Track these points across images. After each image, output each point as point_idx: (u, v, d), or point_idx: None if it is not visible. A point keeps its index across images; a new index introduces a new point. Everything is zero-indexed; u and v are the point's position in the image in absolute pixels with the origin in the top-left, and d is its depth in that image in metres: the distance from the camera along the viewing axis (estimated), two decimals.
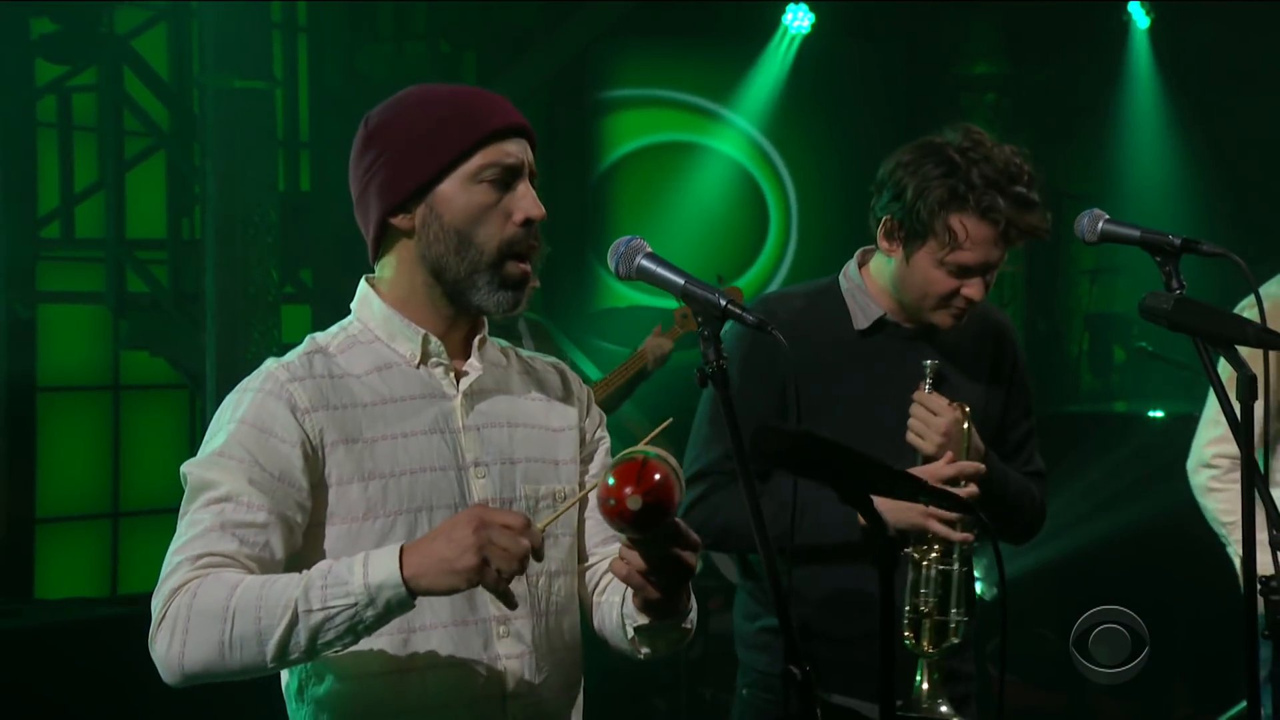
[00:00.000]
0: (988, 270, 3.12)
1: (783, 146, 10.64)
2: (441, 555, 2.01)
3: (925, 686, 3.06)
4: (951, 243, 3.05)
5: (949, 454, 3.06)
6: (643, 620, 2.28)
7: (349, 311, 2.40)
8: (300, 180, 9.05)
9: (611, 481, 2.06)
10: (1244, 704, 3.71)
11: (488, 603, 2.25)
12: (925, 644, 3.07)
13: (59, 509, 8.56)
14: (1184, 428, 7.70)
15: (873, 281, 3.22)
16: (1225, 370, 3.63)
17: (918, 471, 2.99)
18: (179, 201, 8.13)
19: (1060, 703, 6.91)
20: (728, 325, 3.03)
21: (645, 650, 2.37)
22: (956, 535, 3.05)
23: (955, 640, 3.07)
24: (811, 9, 10.18)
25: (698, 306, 2.21)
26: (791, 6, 10.17)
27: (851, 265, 3.27)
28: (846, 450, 1.99)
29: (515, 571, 2.01)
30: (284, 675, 2.32)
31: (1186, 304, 2.67)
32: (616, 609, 2.36)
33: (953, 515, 3.03)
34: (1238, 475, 3.61)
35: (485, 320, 2.39)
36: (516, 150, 2.32)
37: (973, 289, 3.09)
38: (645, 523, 2.07)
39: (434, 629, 2.24)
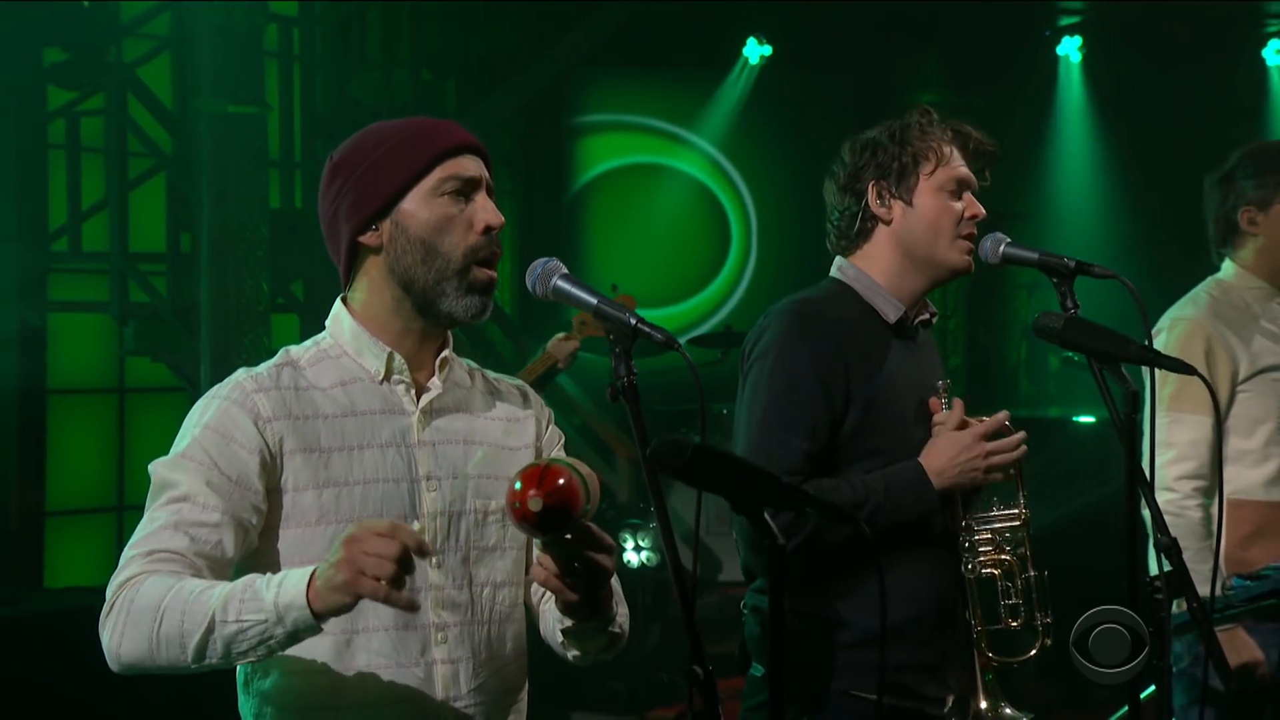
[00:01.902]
0: (975, 190, 3.04)
1: (743, 168, 10.64)
2: (326, 576, 1.97)
3: (989, 686, 2.97)
4: (939, 159, 3.00)
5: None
6: (567, 623, 2.26)
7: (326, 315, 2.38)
8: (294, 198, 9.02)
9: (518, 486, 2.03)
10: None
11: (428, 609, 2.23)
12: (988, 651, 2.96)
13: (67, 503, 8.53)
14: (1112, 432, 7.76)
15: (877, 271, 3.05)
16: (1175, 383, 3.60)
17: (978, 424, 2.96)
18: (178, 218, 8.12)
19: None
20: (773, 315, 2.98)
21: (574, 653, 2.34)
22: (1018, 453, 2.95)
23: (1048, 642, 2.98)
24: (769, 42, 10.18)
25: (609, 325, 2.16)
26: (751, 39, 10.17)
27: (846, 266, 3.09)
28: (741, 463, 1.96)
29: (392, 574, 1.94)
30: (237, 668, 2.30)
31: (1076, 323, 2.65)
32: (551, 615, 2.34)
33: (1009, 443, 2.95)
34: (1196, 502, 3.59)
35: (450, 339, 2.37)
36: (473, 165, 2.31)
37: (974, 206, 3.01)
38: (548, 524, 2.03)
39: (376, 631, 2.22)
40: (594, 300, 2.18)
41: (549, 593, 2.33)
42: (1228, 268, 3.89)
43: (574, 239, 10.19)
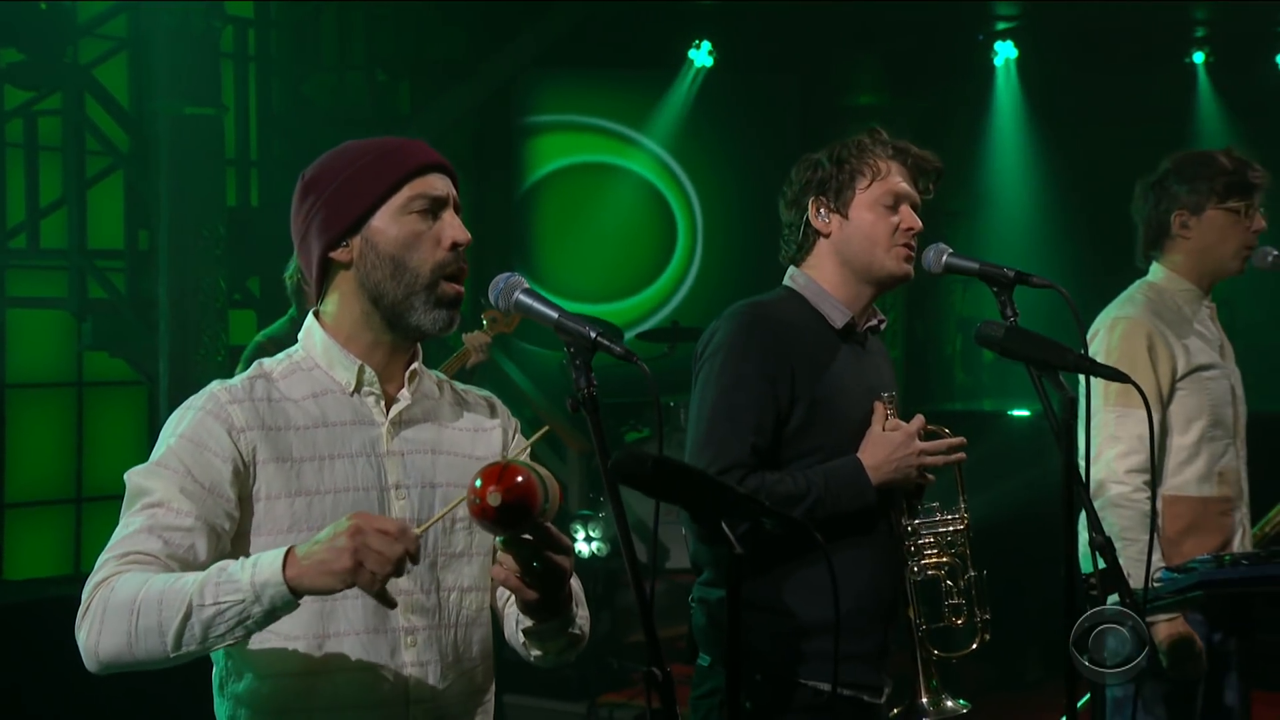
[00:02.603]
0: (914, 205, 3.11)
1: (689, 167, 10.68)
2: (320, 559, 1.97)
3: (933, 684, 3.03)
4: (875, 175, 3.07)
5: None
6: (528, 623, 2.27)
7: (292, 318, 2.39)
8: (250, 196, 8.98)
9: (478, 483, 2.04)
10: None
11: (398, 613, 2.24)
12: (931, 648, 3.04)
13: (27, 495, 8.45)
14: (1044, 425, 7.82)
15: (825, 279, 3.12)
16: (1111, 388, 3.64)
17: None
18: (135, 215, 8.06)
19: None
20: (725, 317, 3.05)
21: (535, 653, 2.36)
22: (954, 457, 3.06)
23: (987, 638, 3.06)
24: (714, 45, 10.22)
25: (569, 338, 2.18)
26: (696, 42, 10.21)
27: (798, 275, 3.15)
28: (700, 475, 1.98)
29: (389, 574, 1.96)
30: (212, 669, 2.31)
31: (1016, 332, 2.69)
32: (513, 617, 2.36)
33: (941, 445, 3.05)
34: (1145, 494, 3.63)
35: (420, 351, 2.38)
36: (440, 184, 2.32)
37: (910, 219, 3.08)
38: (507, 521, 2.04)
39: (347, 635, 2.22)
40: (555, 315, 2.20)
41: (511, 594, 2.34)
42: (1156, 271, 3.91)
43: (524, 236, 10.18)
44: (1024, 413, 8.04)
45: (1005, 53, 10.50)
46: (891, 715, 3.04)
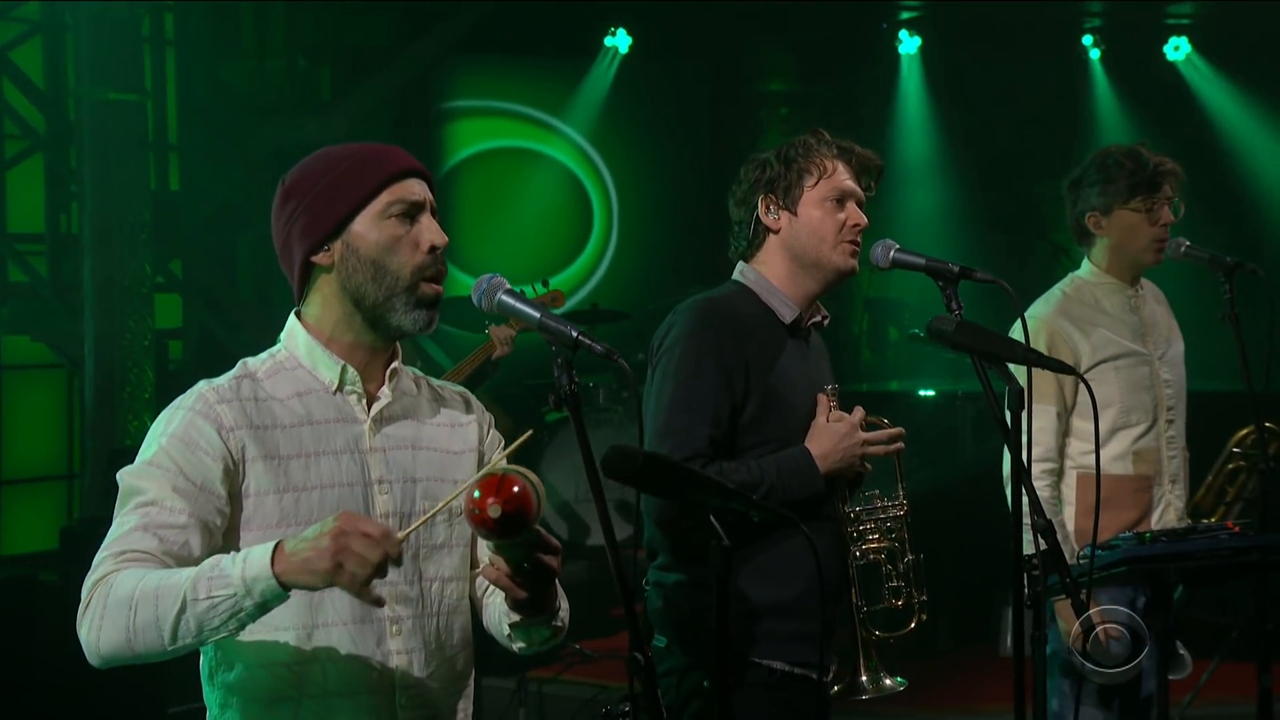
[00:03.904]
0: (859, 202, 3.18)
1: (605, 152, 10.70)
2: (304, 557, 2.02)
3: (872, 663, 3.11)
4: (822, 173, 3.13)
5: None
6: (515, 618, 2.32)
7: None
8: (169, 180, 8.87)
9: (476, 494, 2.08)
10: None
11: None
12: (874, 629, 3.13)
13: None
14: (950, 405, 7.99)
15: (774, 275, 3.18)
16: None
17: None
18: (57, 200, 7.93)
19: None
20: (681, 311, 3.10)
21: (520, 645, 2.41)
22: (894, 447, 3.15)
23: (924, 618, 3.15)
24: (629, 32, 10.25)
25: (551, 337, 2.22)
26: (612, 30, 10.24)
27: (747, 270, 3.21)
28: (688, 471, 2.02)
29: (369, 575, 2.00)
30: (200, 661, 2.33)
31: (965, 326, 2.76)
32: (497, 609, 2.40)
33: (883, 435, 3.14)
34: (1045, 482, 3.77)
35: (400, 351, 2.41)
36: (418, 188, 2.36)
37: (856, 215, 3.15)
38: (506, 529, 2.09)
39: (335, 625, 2.26)
40: (537, 315, 2.24)
41: (494, 588, 2.39)
42: (1085, 266, 4.11)
43: (443, 219, 9.97)
44: (929, 393, 8.18)
45: (910, 42, 10.65)
46: (833, 693, 3.12)
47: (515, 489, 2.06)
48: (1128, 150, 3.99)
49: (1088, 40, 10.79)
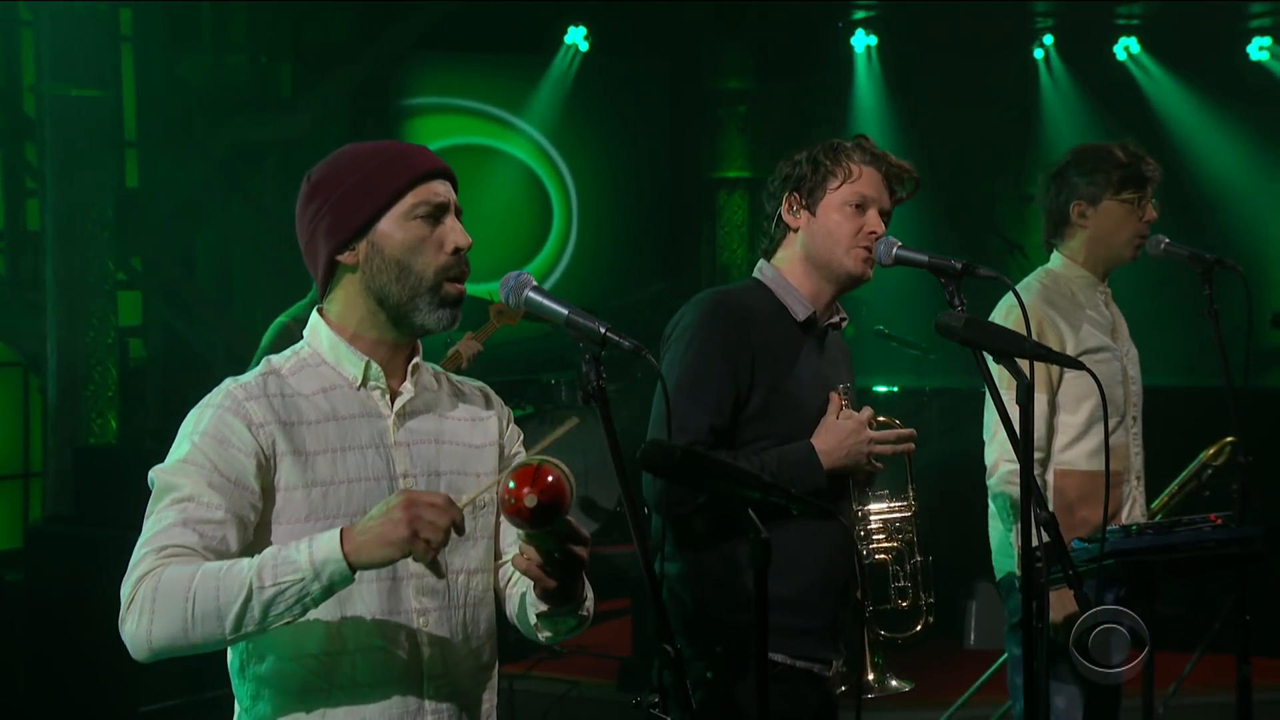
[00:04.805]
0: (882, 210, 3.19)
1: (565, 149, 10.70)
2: (377, 532, 2.06)
3: (878, 662, 3.14)
4: (847, 176, 3.15)
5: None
6: (543, 608, 2.33)
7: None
8: (126, 176, 8.77)
9: (511, 485, 2.10)
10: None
11: (411, 596, 2.30)
12: (879, 629, 3.15)
13: None
14: (910, 400, 8.02)
15: (791, 274, 3.20)
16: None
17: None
18: (15, 196, 7.82)
19: None
20: (693, 303, 3.11)
21: (546, 634, 2.42)
22: (903, 447, 3.14)
23: (930, 620, 3.17)
24: (589, 30, 10.24)
25: (579, 334, 2.23)
26: (572, 28, 10.22)
27: (765, 267, 3.23)
28: (725, 464, 2.03)
29: (441, 542, 2.05)
30: (228, 654, 2.34)
31: (974, 323, 2.77)
32: (523, 600, 2.41)
33: (891, 435, 3.13)
34: (1038, 471, 3.76)
35: (420, 346, 2.43)
36: (442, 189, 2.37)
37: (875, 223, 3.16)
38: (541, 519, 2.11)
39: (364, 617, 2.28)
40: (565, 311, 2.26)
41: (519, 579, 2.41)
42: (1056, 258, 4.05)
43: None
44: (886, 389, 8.20)
45: (865, 39, 10.73)
46: (839, 692, 3.14)
47: (550, 479, 2.08)
48: (1119, 144, 3.99)
49: (1040, 40, 10.91)
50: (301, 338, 2.39)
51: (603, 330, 2.21)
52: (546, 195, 10.69)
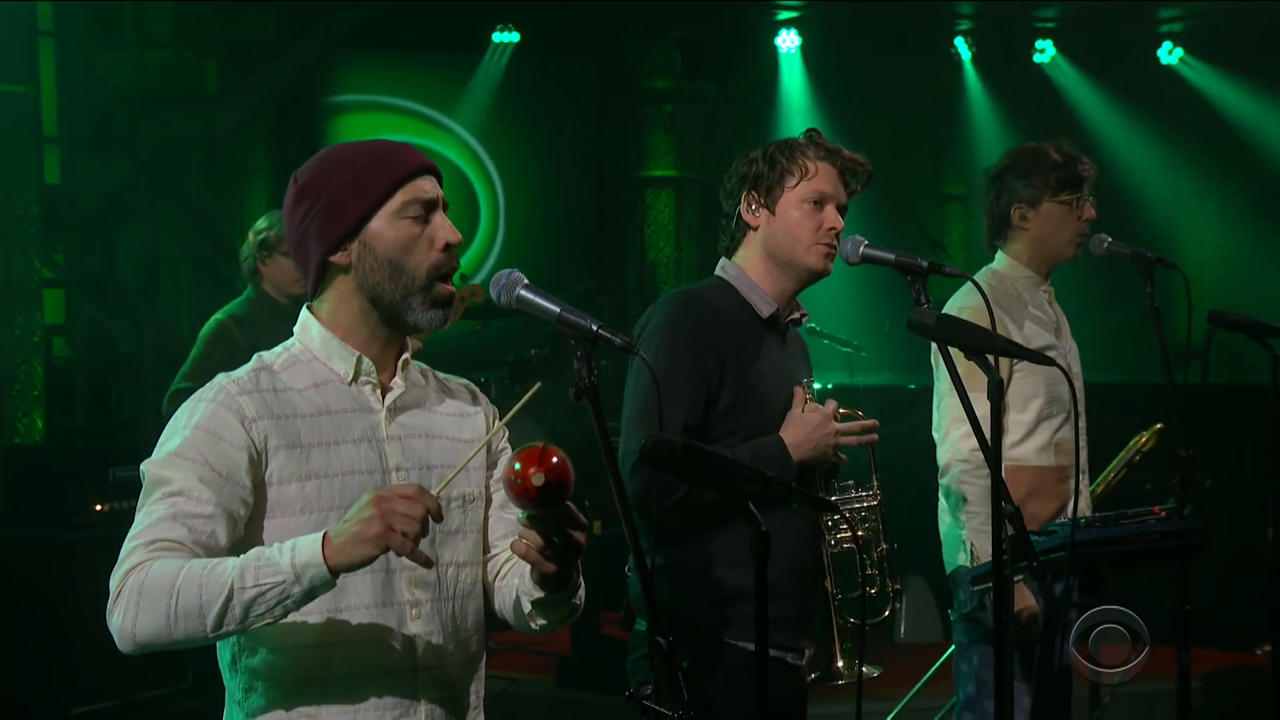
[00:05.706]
0: (840, 205, 3.24)
1: (492, 147, 10.68)
2: (352, 531, 2.07)
3: (847, 648, 3.18)
4: (804, 174, 3.20)
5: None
6: (539, 594, 2.35)
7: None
8: (45, 173, 8.63)
9: (518, 465, 2.12)
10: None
11: (404, 588, 2.32)
12: (848, 616, 3.19)
13: None
14: (842, 398, 8.06)
15: (753, 271, 3.24)
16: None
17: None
18: None
19: None
20: (660, 303, 3.16)
21: (540, 622, 2.44)
22: (868, 438, 3.22)
23: (899, 606, 3.21)
24: (516, 29, 10.23)
25: (571, 331, 2.25)
26: (499, 27, 10.20)
27: (728, 265, 3.28)
28: (725, 458, 2.05)
29: (418, 532, 2.06)
30: (218, 648, 2.34)
31: (946, 320, 2.82)
32: (514, 590, 2.43)
33: (856, 426, 3.21)
34: (984, 471, 3.80)
35: (409, 343, 2.44)
36: (430, 186, 2.39)
37: (833, 218, 3.21)
38: (547, 499, 2.13)
39: (357, 609, 2.29)
40: (557, 309, 2.28)
41: (509, 572, 2.45)
42: (1000, 259, 4.13)
43: None
44: (818, 386, 8.27)
45: (791, 39, 10.81)
46: (810, 679, 3.18)
47: (555, 459, 2.11)
48: (1054, 145, 4.07)
49: (959, 41, 11.05)
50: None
51: (595, 328, 2.25)
52: (474, 193, 10.67)
